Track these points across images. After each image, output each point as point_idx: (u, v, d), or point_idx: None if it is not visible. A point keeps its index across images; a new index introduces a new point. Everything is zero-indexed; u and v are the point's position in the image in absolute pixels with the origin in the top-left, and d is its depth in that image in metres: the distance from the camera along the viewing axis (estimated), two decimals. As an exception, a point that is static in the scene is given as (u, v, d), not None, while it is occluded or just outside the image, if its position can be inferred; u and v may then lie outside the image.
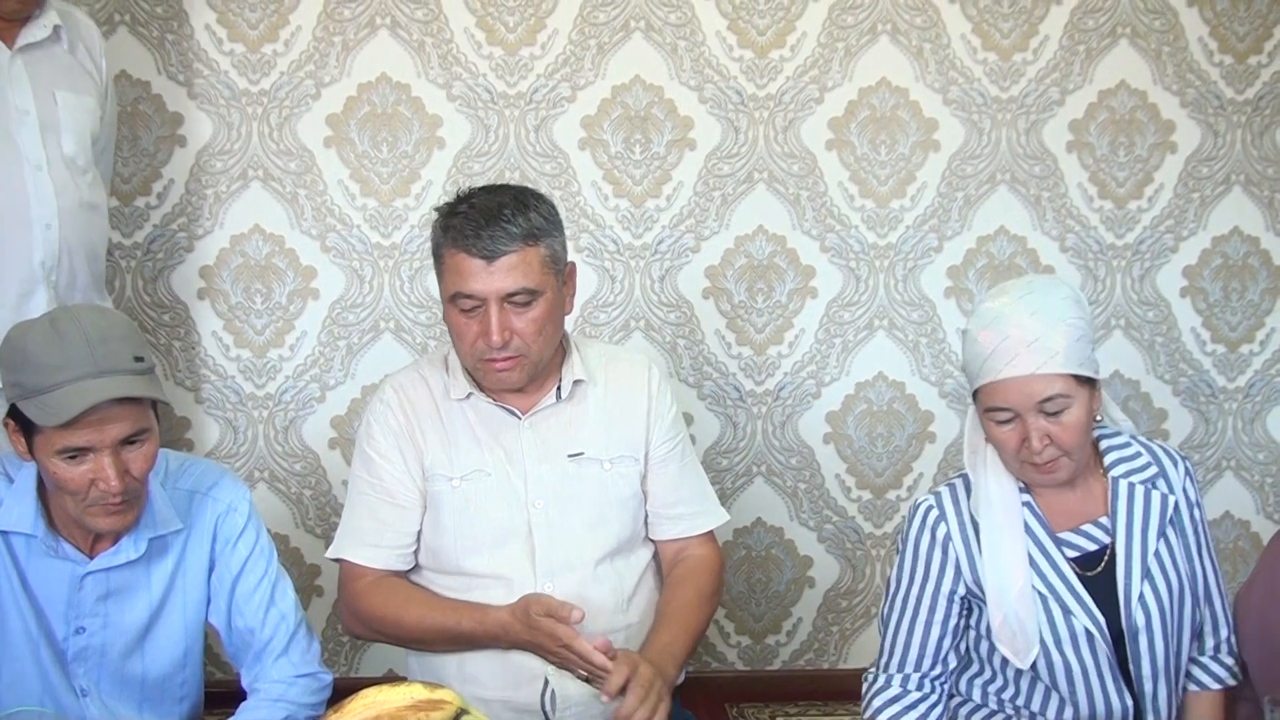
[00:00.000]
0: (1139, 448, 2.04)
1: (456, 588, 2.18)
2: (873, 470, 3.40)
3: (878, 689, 2.06)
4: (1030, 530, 1.97)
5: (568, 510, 2.18)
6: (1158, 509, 1.98)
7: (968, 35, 3.25)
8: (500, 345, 2.08)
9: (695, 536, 2.30)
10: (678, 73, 3.20)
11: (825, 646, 3.47)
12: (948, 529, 2.01)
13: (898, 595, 2.06)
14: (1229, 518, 3.48)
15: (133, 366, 1.81)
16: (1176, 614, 1.96)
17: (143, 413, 1.84)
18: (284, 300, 3.21)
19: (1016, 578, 1.93)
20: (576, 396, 2.23)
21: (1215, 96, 3.31)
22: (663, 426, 2.27)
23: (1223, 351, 3.42)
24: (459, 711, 1.61)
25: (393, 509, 2.20)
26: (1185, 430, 3.44)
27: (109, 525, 1.87)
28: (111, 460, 1.81)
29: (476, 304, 2.09)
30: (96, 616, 1.96)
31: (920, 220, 3.30)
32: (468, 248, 2.08)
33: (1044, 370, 1.87)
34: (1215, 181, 3.35)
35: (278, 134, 3.15)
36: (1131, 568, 1.95)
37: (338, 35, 3.13)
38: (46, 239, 2.44)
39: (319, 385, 3.24)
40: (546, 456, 2.20)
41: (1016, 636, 1.93)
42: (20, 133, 2.43)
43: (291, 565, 3.27)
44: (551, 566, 2.16)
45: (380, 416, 2.23)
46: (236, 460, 3.23)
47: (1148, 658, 1.96)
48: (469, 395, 2.21)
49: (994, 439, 1.96)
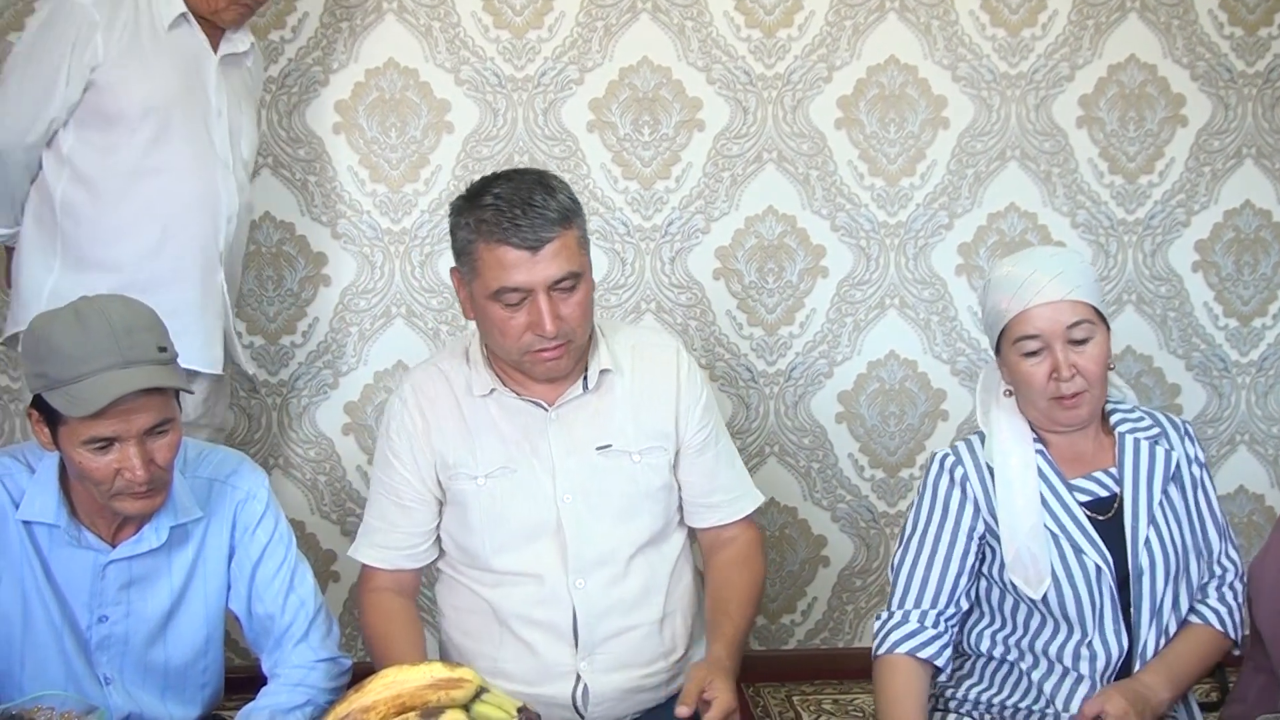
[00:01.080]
0: (1142, 413, 2.14)
1: (488, 583, 2.16)
2: (885, 449, 3.40)
3: (893, 624, 2.09)
4: (1043, 474, 2.06)
5: (597, 504, 2.14)
6: (1162, 462, 2.08)
7: (976, 11, 3.23)
8: (554, 334, 2.03)
9: (737, 521, 2.26)
10: (685, 54, 3.19)
11: (840, 625, 3.47)
12: (964, 471, 2.10)
13: (913, 537, 2.12)
14: (1243, 492, 3.48)
15: (157, 357, 1.82)
16: (1180, 562, 2.04)
17: (167, 402, 1.85)
18: (295, 287, 3.21)
19: (1029, 515, 2.03)
20: (604, 387, 2.17)
21: (1226, 69, 3.30)
22: (694, 415, 2.22)
23: (1235, 326, 3.41)
24: (479, 690, 1.62)
25: (398, 509, 2.18)
26: (1198, 405, 3.43)
27: (137, 509, 1.88)
28: (137, 450, 1.82)
29: (523, 296, 2.02)
30: (119, 605, 1.97)
31: (930, 198, 3.29)
32: (509, 239, 2.00)
33: (1071, 296, 1.99)
34: (1226, 155, 3.34)
35: (286, 121, 3.15)
36: (1139, 513, 2.04)
37: (345, 21, 3.13)
38: (227, 232, 2.67)
39: (332, 371, 3.25)
40: (574, 449, 2.14)
41: (1029, 568, 2.02)
42: (215, 131, 2.62)
43: (307, 551, 3.26)
44: (582, 563, 2.12)
45: (397, 415, 2.19)
46: (251, 447, 3.24)
47: (1148, 601, 2.02)
48: (492, 391, 2.15)
49: (1022, 375, 2.03)
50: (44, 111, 2.52)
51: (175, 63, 2.57)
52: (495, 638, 2.15)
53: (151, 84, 2.53)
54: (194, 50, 2.61)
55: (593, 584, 2.12)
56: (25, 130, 2.53)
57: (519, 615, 2.13)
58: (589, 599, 2.12)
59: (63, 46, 2.49)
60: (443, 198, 3.19)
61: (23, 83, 2.52)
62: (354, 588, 3.30)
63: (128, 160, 2.54)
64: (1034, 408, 2.06)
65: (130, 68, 2.51)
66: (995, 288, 2.05)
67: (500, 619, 2.14)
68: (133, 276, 2.53)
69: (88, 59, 2.49)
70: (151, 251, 2.57)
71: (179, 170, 2.57)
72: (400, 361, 3.24)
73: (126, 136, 2.53)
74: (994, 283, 2.06)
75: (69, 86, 2.50)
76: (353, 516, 3.27)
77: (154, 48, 2.54)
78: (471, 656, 2.17)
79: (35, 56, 2.52)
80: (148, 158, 2.54)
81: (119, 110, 2.52)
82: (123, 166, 2.54)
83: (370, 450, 3.26)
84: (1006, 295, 2.02)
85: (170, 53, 2.57)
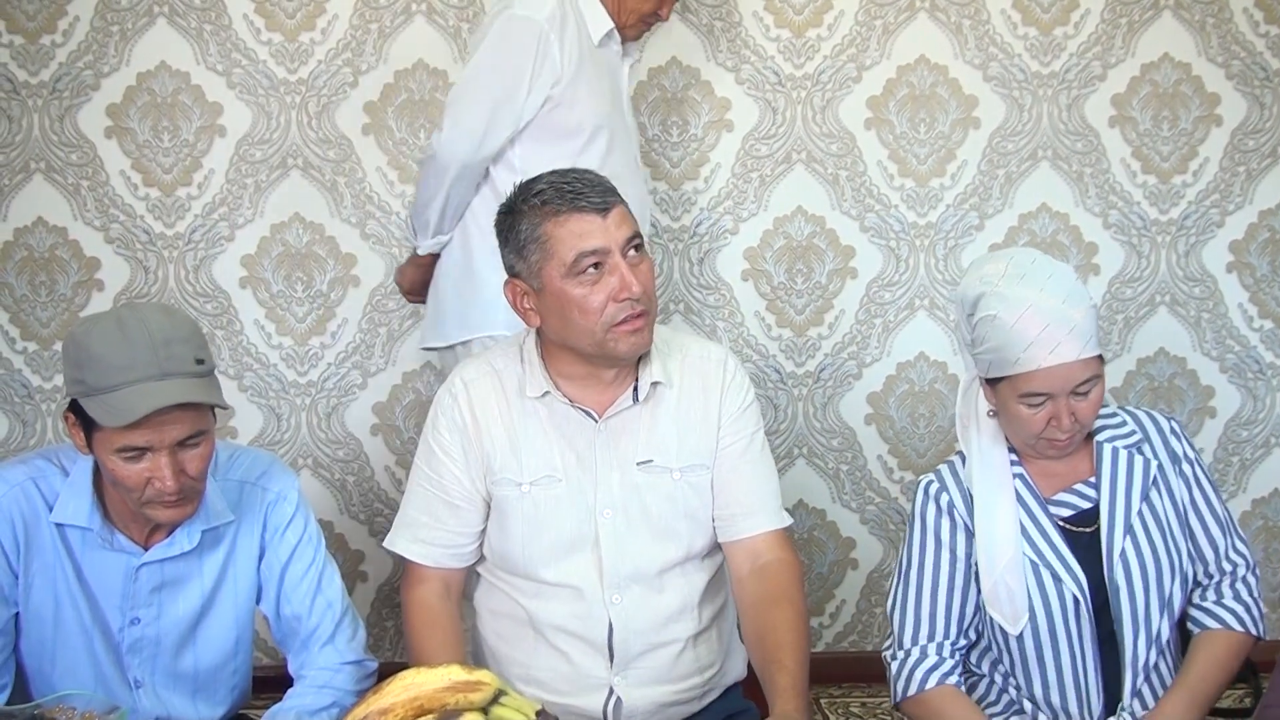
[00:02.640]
0: (1124, 416, 2.10)
1: (526, 590, 2.13)
2: (915, 451, 3.38)
3: (914, 661, 2.06)
4: (1021, 499, 2.03)
5: (636, 521, 2.10)
6: (1140, 472, 2.04)
7: (1008, 10, 3.21)
8: (640, 294, 1.99)
9: (767, 537, 2.15)
10: (714, 54, 3.19)
11: (869, 629, 3.45)
12: (950, 498, 2.07)
13: (911, 570, 2.08)
14: (1278, 495, 3.43)
15: (194, 369, 1.83)
16: (1156, 577, 2.00)
17: (201, 415, 1.85)
18: (325, 288, 3.22)
19: (1007, 548, 2.00)
20: (654, 399, 2.12)
21: (1261, 68, 3.26)
22: (734, 422, 2.15)
23: (1270, 328, 3.37)
24: (497, 693, 1.61)
25: (448, 507, 2.13)
26: (1233, 407, 3.39)
27: (168, 517, 1.89)
28: (169, 460, 1.82)
29: (599, 262, 1.98)
30: (151, 607, 1.98)
31: (961, 199, 3.27)
32: (578, 206, 1.99)
33: (1084, 355, 1.93)
34: (1262, 154, 3.30)
35: (316, 123, 3.16)
36: (1115, 524, 2.01)
37: (374, 23, 3.14)
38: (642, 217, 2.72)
39: (360, 372, 3.26)
40: (618, 464, 2.10)
41: (1005, 604, 2.00)
42: (634, 140, 2.78)
43: (336, 551, 3.30)
44: (619, 578, 2.09)
45: (447, 410, 2.14)
46: (280, 448, 3.26)
47: (1128, 614, 1.99)
48: (545, 394, 2.10)
49: (1016, 415, 1.98)
50: (503, 125, 2.60)
51: (606, 76, 2.69)
52: (530, 645, 2.13)
53: (598, 99, 2.64)
54: (614, 63, 2.73)
55: (629, 599, 2.09)
56: (481, 144, 2.60)
57: (555, 625, 2.11)
58: (625, 614, 2.09)
59: (523, 61, 2.56)
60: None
61: (483, 97, 2.59)
62: (383, 587, 3.32)
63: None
64: (1019, 439, 2.03)
65: (580, 83, 2.61)
66: (1001, 330, 1.94)
67: (536, 627, 2.12)
68: None
69: (548, 74, 2.58)
70: None
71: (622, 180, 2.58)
72: (429, 363, 3.25)
73: (579, 149, 2.62)
74: (999, 324, 1.94)
75: (529, 100, 2.58)
76: (381, 517, 3.28)
77: (593, 63, 2.64)
78: (505, 662, 2.16)
79: (496, 71, 2.59)
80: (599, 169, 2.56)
81: (576, 124, 2.62)
82: None
83: (399, 451, 3.27)
84: (1015, 347, 1.92)
85: (603, 67, 2.68)
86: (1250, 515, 3.43)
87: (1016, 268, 1.98)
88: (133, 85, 3.13)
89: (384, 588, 3.33)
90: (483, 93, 2.59)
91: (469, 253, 2.70)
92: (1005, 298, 1.95)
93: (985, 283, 1.98)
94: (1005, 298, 1.95)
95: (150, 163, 3.16)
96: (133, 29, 3.11)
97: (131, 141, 3.15)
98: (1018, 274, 1.97)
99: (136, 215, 3.17)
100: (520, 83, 2.57)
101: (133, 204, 3.17)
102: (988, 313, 1.96)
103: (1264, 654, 2.15)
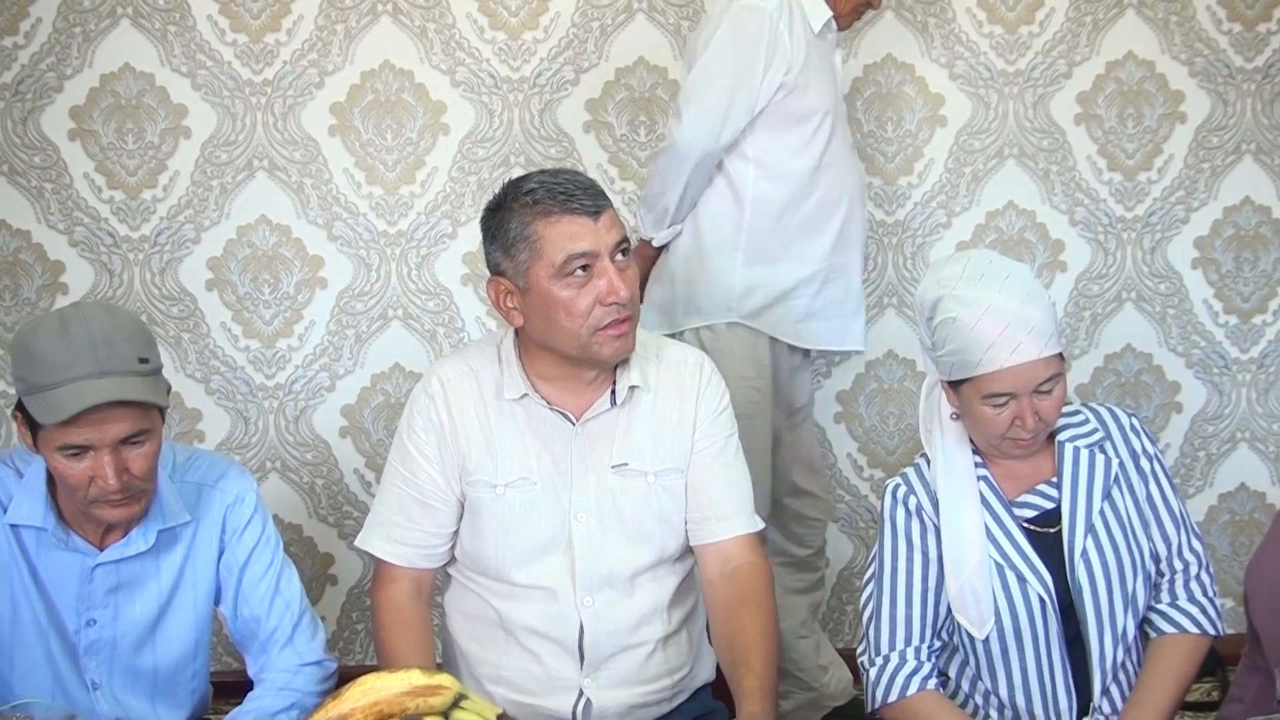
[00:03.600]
0: (1086, 414, 2.09)
1: (497, 591, 2.12)
2: (884, 449, 3.39)
3: (893, 668, 2.05)
4: (986, 501, 2.03)
5: (610, 524, 2.10)
6: (1102, 471, 2.03)
7: (973, 9, 3.22)
8: (628, 299, 1.99)
9: (739, 541, 2.14)
10: (682, 53, 3.19)
11: (840, 626, 3.46)
12: (918, 500, 2.06)
13: (885, 573, 2.07)
14: (1244, 489, 3.46)
15: (136, 368, 1.82)
16: (1119, 575, 2.00)
17: (145, 414, 1.85)
18: (292, 290, 3.21)
19: (973, 553, 1.99)
20: (631, 403, 2.11)
21: (1224, 65, 3.28)
22: (708, 425, 2.15)
23: (1235, 323, 3.39)
24: (458, 697, 1.61)
25: (422, 507, 2.12)
26: (1199, 403, 3.41)
27: (115, 516, 1.89)
28: (111, 459, 1.82)
29: (587, 265, 1.97)
30: (107, 608, 1.97)
31: (928, 197, 3.28)
32: (571, 208, 1.98)
33: (1045, 354, 1.92)
34: (1226, 151, 3.32)
35: (282, 124, 3.15)
36: (1076, 524, 2.01)
37: (340, 23, 3.13)
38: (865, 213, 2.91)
39: (328, 374, 3.25)
40: (593, 467, 2.09)
41: (971, 608, 1.99)
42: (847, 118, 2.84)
43: (305, 555, 3.28)
44: (591, 581, 2.08)
45: (424, 409, 2.12)
46: (248, 451, 3.24)
47: (1093, 613, 1.99)
48: (523, 396, 2.09)
49: (980, 415, 1.98)
50: (740, 113, 2.68)
51: (826, 63, 2.77)
52: (500, 646, 2.12)
53: (822, 85, 2.74)
54: (827, 49, 2.80)
55: (600, 601, 2.09)
56: (720, 132, 2.69)
57: (526, 627, 2.10)
58: (597, 616, 2.09)
59: (757, 49, 2.66)
60: (439, 200, 3.19)
61: (720, 86, 2.67)
62: (353, 590, 3.31)
63: (812, 158, 2.74)
64: (984, 439, 2.03)
65: (809, 70, 2.70)
66: (962, 332, 1.93)
67: (507, 628, 2.12)
68: (817, 268, 2.79)
69: (781, 61, 2.67)
70: (834, 245, 2.79)
71: (844, 164, 2.77)
72: (397, 364, 3.24)
73: (809, 135, 2.72)
74: (959, 326, 1.93)
75: (764, 86, 2.67)
76: (350, 520, 3.27)
77: (816, 51, 2.73)
78: (474, 662, 2.15)
79: (733, 59, 2.67)
80: (825, 154, 2.74)
81: (806, 110, 2.71)
82: (808, 164, 2.74)
83: (368, 453, 3.26)
84: (977, 348, 1.92)
85: (823, 54, 2.77)
86: (1217, 510, 3.46)
87: (974, 269, 1.97)
88: (96, 87, 3.11)
89: (354, 590, 3.31)
90: (720, 81, 2.67)
91: (699, 239, 2.80)
92: (964, 300, 1.94)
93: (943, 285, 1.97)
94: (964, 300, 1.94)
95: (114, 165, 3.14)
96: (96, 30, 3.09)
97: (95, 144, 3.12)
98: (975, 275, 1.96)
99: (101, 218, 3.15)
100: (755, 69, 2.66)
101: (97, 207, 3.15)
102: (947, 315, 1.95)
103: (1233, 647, 2.16)
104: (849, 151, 2.86)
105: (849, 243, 2.83)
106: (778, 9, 2.66)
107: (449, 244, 3.21)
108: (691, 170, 2.71)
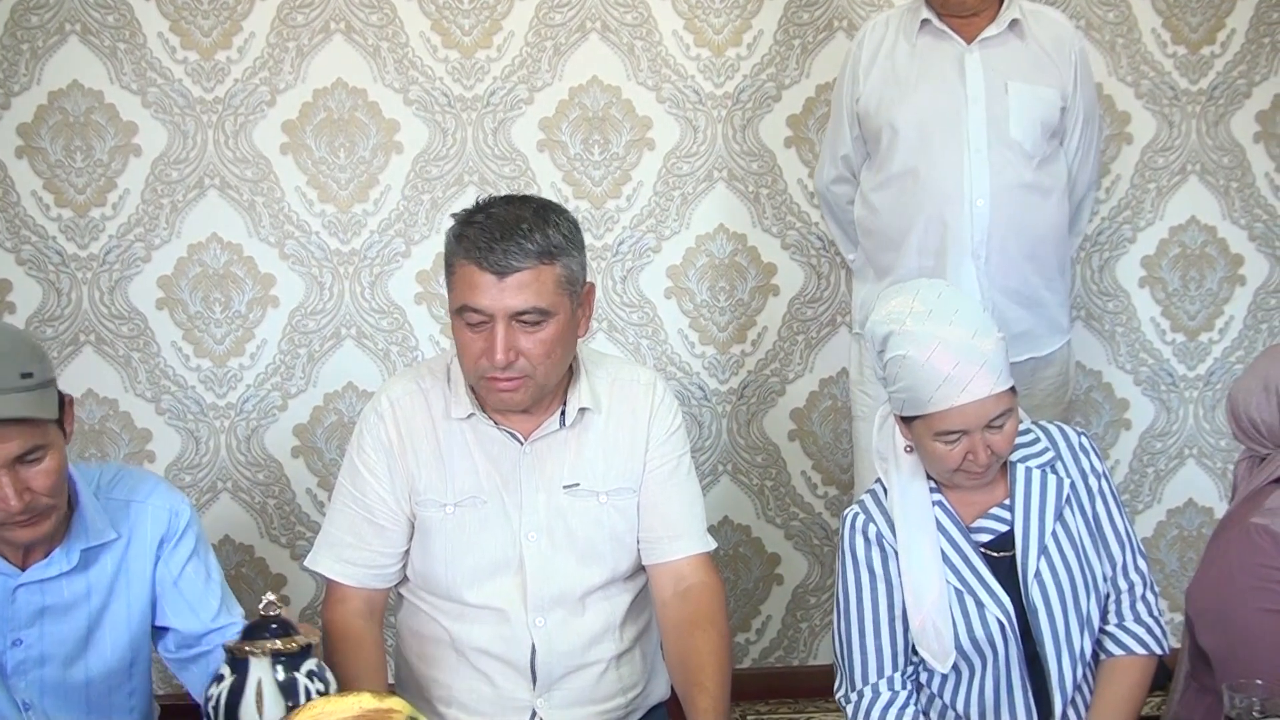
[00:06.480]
0: (1038, 433, 2.10)
1: (449, 612, 2.11)
2: (838, 466, 3.40)
3: (869, 702, 2.04)
4: (943, 528, 2.03)
5: (561, 544, 2.09)
6: (1053, 492, 2.04)
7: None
8: (504, 365, 1.95)
9: (692, 560, 2.15)
10: (635, 73, 3.20)
11: (795, 644, 3.47)
12: (877, 528, 2.06)
13: (851, 606, 2.05)
14: (1192, 505, 3.50)
15: (19, 384, 1.76)
16: (1073, 595, 2.00)
17: (38, 430, 1.79)
18: (243, 309, 3.18)
19: (932, 589, 1.99)
20: (581, 424, 2.11)
21: (1170, 87, 3.33)
22: (660, 446, 2.15)
23: (1182, 340, 3.44)
24: (409, 720, 1.60)
25: (372, 528, 2.11)
26: (1147, 419, 3.45)
27: (24, 537, 1.85)
28: (9, 479, 1.77)
29: (484, 319, 1.95)
30: (33, 628, 1.94)
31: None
32: (479, 260, 1.93)
33: (996, 390, 1.92)
34: (1171, 171, 3.37)
35: (233, 142, 3.13)
36: (1029, 546, 2.01)
37: (292, 41, 3.11)
38: (976, 215, 2.72)
39: (280, 394, 3.22)
40: (543, 486, 2.09)
41: (933, 642, 1.99)
42: (967, 118, 2.73)
43: (257, 575, 3.25)
44: (542, 601, 2.08)
45: (373, 428, 2.11)
46: (199, 471, 3.21)
47: (1049, 634, 1.99)
48: (470, 415, 2.08)
49: (935, 455, 1.98)
50: (835, 151, 2.91)
51: (925, 68, 2.76)
52: (451, 666, 2.12)
53: (906, 98, 2.75)
54: (942, 48, 2.76)
55: (552, 622, 2.08)
56: (823, 171, 2.97)
57: (478, 648, 2.09)
58: (548, 637, 2.08)
59: (843, 89, 2.88)
60: (392, 218, 3.18)
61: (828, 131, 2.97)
62: (305, 611, 3.27)
63: (894, 170, 2.77)
64: (937, 472, 2.03)
65: (889, 89, 2.77)
66: (912, 369, 1.92)
67: (458, 649, 2.11)
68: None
69: (849, 93, 2.84)
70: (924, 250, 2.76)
71: (937, 167, 2.74)
72: (350, 383, 3.22)
73: (890, 149, 2.77)
74: (909, 362, 1.92)
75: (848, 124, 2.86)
76: (303, 540, 3.24)
77: (907, 60, 2.77)
78: (426, 683, 2.14)
79: (832, 104, 2.95)
80: (909, 162, 2.76)
81: (880, 129, 2.78)
82: (891, 178, 2.78)
83: (320, 473, 3.24)
84: (927, 385, 1.91)
85: (920, 58, 2.77)
86: (1165, 525, 3.50)
87: (922, 303, 1.96)
88: (44, 104, 3.08)
89: (306, 611, 3.28)
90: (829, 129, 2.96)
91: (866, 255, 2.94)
92: (914, 336, 1.93)
93: (893, 320, 1.96)
94: (914, 336, 1.93)
95: (62, 183, 3.10)
96: (44, 47, 3.06)
97: (43, 161, 3.09)
98: (925, 310, 1.95)
99: (49, 236, 3.11)
100: (842, 110, 2.88)
101: (44, 225, 3.11)
102: (897, 352, 1.95)
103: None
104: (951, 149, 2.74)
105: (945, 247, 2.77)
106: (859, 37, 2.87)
107: (402, 262, 3.20)
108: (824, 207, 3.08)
